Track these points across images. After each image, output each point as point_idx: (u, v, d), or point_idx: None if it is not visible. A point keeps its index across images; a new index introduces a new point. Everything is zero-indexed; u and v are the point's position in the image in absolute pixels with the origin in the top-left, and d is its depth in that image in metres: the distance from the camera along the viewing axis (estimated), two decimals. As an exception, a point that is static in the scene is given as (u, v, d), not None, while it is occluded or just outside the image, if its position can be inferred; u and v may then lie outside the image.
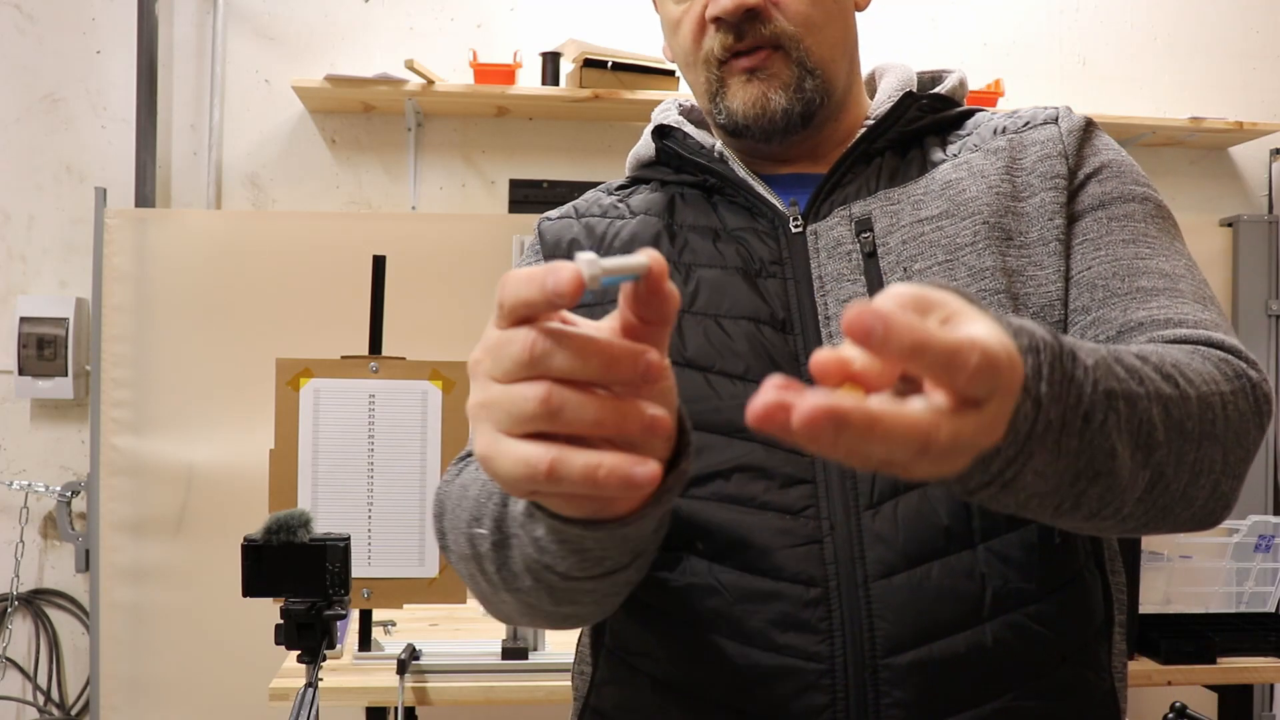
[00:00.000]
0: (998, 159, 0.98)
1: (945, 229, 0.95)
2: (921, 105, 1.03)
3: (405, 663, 1.87)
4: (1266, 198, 3.31)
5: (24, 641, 2.92)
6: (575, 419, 0.57)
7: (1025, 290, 0.92)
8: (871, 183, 1.00)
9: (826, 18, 1.00)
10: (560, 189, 3.05)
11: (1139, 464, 0.71)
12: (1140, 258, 0.92)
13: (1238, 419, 0.79)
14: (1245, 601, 2.37)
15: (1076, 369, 0.65)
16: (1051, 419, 0.63)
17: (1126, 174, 0.99)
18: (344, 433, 1.96)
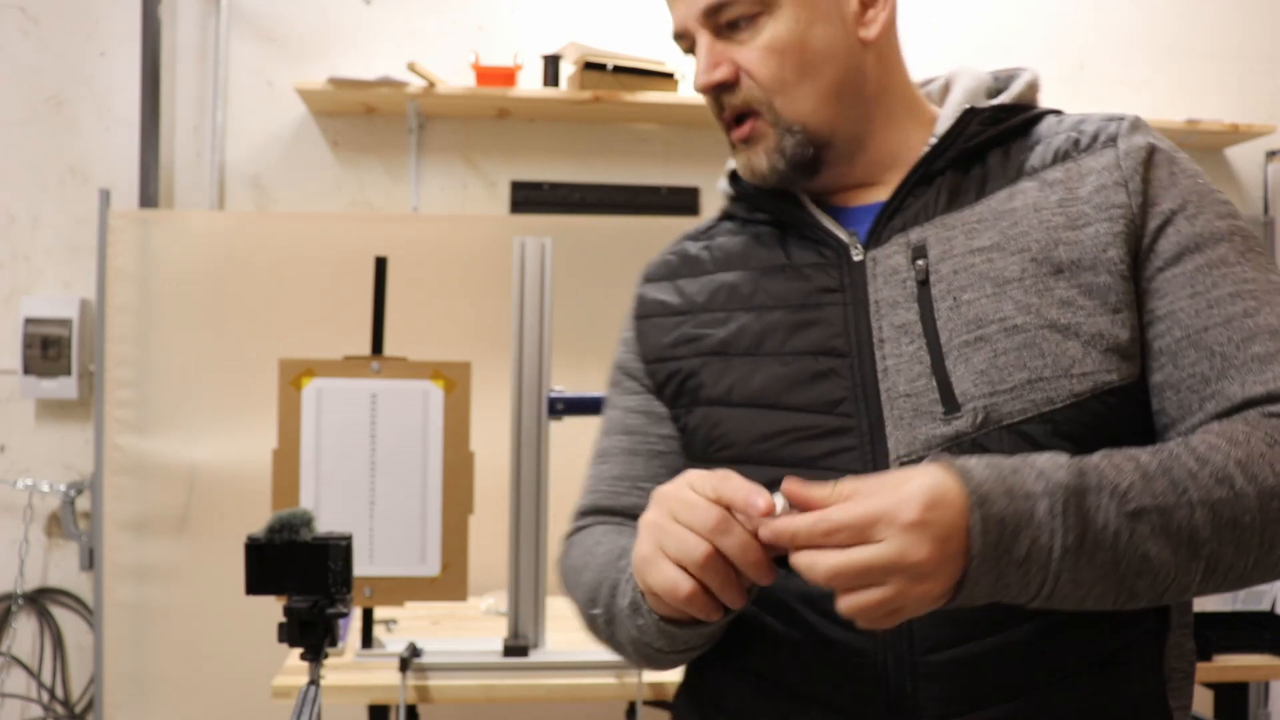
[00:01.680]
0: (1053, 191, 1.00)
1: (995, 261, 0.98)
2: (984, 119, 1.04)
3: (407, 660, 1.88)
4: (1262, 199, 3.32)
5: (28, 640, 2.94)
6: (712, 580, 0.86)
7: (1075, 320, 0.95)
8: (930, 207, 1.03)
9: (801, 74, 1.02)
10: (561, 190, 3.06)
11: (1185, 559, 0.84)
12: (1249, 314, 0.93)
13: None
14: (1241, 600, 2.38)
15: (1089, 503, 0.81)
16: (1025, 552, 0.80)
17: (1208, 205, 0.99)
18: (346, 432, 1.97)
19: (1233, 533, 0.84)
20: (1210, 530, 0.84)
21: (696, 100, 2.84)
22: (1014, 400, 0.94)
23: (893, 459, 0.97)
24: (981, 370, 0.95)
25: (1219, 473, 0.85)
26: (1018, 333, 0.95)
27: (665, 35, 3.00)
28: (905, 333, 0.99)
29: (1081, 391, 0.93)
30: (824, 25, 1.03)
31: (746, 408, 1.04)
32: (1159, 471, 0.85)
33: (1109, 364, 0.94)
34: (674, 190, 3.09)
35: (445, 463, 1.98)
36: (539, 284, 2.03)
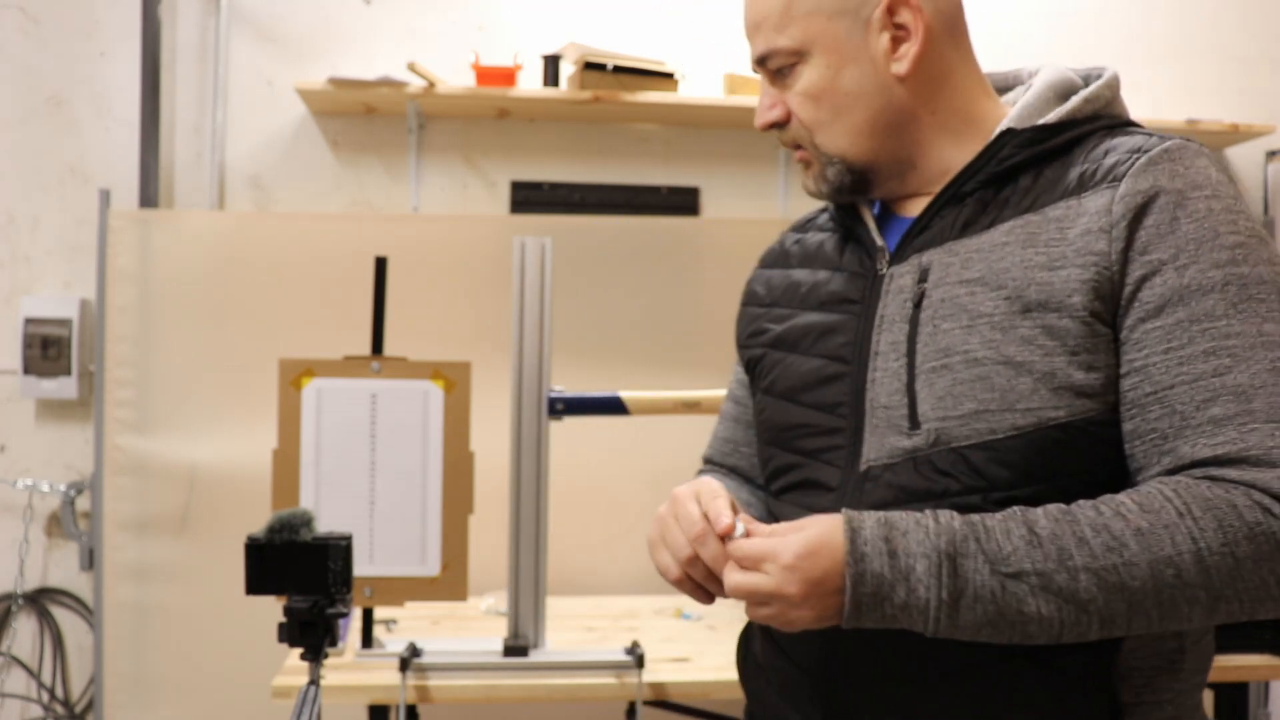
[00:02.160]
0: (1048, 229, 1.05)
1: (976, 295, 1.06)
2: (1020, 141, 1.09)
3: (407, 660, 1.88)
4: (1262, 199, 3.32)
5: (28, 640, 2.94)
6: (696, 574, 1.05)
7: (1030, 358, 1.02)
8: (947, 231, 1.11)
9: (834, 114, 1.13)
10: (561, 190, 3.06)
11: (1071, 614, 0.95)
12: (1219, 374, 0.97)
13: (1229, 565, 0.93)
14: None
15: (964, 566, 0.95)
16: (900, 604, 0.96)
17: (1205, 253, 1.00)
18: (346, 432, 1.97)
19: (1122, 595, 0.94)
20: (1096, 592, 0.95)
21: (697, 100, 2.86)
22: (961, 426, 1.04)
23: (863, 462, 1.10)
24: (940, 396, 1.05)
25: (1113, 542, 0.95)
26: (976, 365, 1.04)
27: (666, 35, 3.00)
28: (894, 349, 1.10)
29: (1024, 425, 1.02)
30: (854, 67, 1.12)
31: (780, 399, 1.20)
32: (1049, 538, 0.96)
33: (1057, 401, 1.01)
34: (674, 190, 3.09)
35: (445, 463, 1.98)
36: (539, 284, 2.03)
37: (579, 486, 2.11)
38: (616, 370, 2.80)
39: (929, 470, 1.06)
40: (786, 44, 1.13)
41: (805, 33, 1.12)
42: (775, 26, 1.13)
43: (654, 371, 2.85)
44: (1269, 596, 0.95)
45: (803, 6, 1.12)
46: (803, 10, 1.12)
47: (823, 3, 1.11)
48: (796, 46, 1.12)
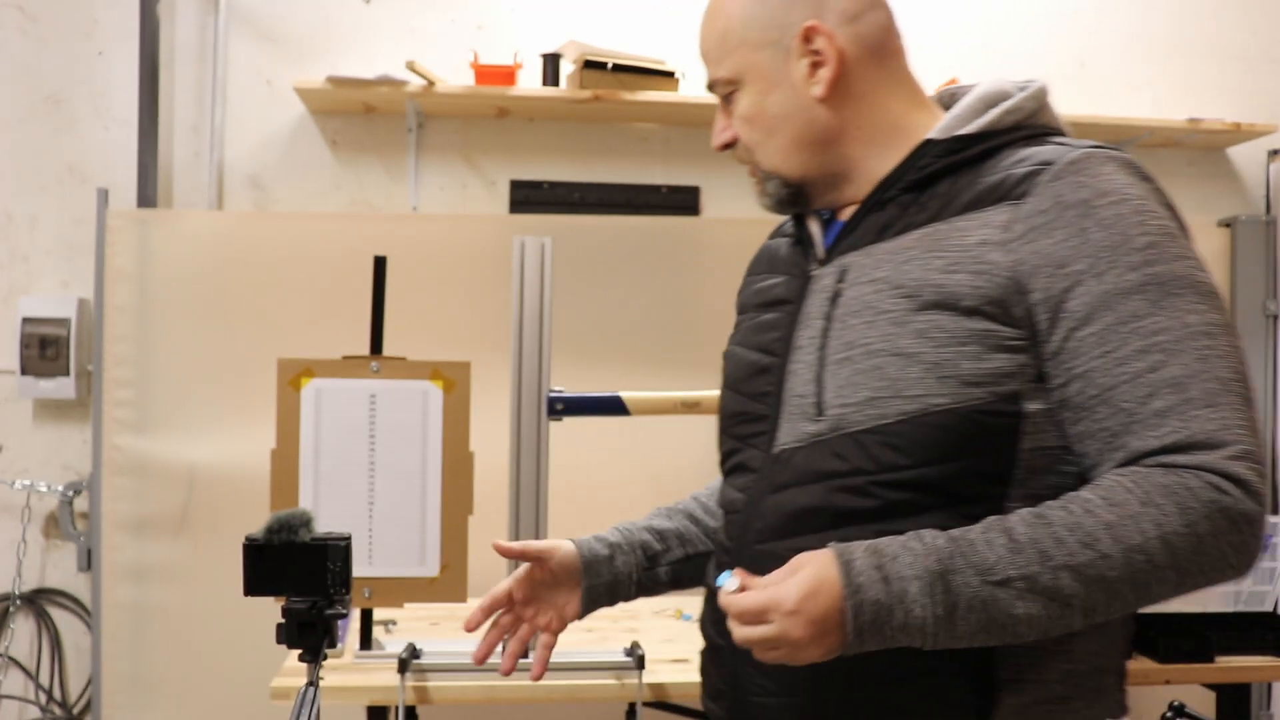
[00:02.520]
0: (952, 236, 1.15)
1: (881, 293, 1.16)
2: (938, 151, 1.19)
3: (406, 662, 1.88)
4: (1264, 198, 3.31)
5: (26, 641, 2.93)
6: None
7: (921, 350, 1.12)
8: (868, 235, 1.22)
9: (766, 134, 1.26)
10: (561, 190, 3.06)
11: (1057, 610, 1.03)
12: (1154, 369, 1.05)
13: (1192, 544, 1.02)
14: (1243, 600, 2.38)
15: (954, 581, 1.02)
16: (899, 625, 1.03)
17: (1121, 257, 1.08)
18: (345, 432, 1.97)
19: (1101, 585, 1.02)
20: (1078, 586, 1.02)
21: (697, 99, 2.85)
22: (856, 412, 1.14)
23: (777, 446, 1.22)
24: (841, 385, 1.16)
25: (1087, 538, 1.02)
26: (872, 357, 1.14)
27: (666, 34, 2.99)
28: (811, 343, 1.21)
29: (910, 410, 1.12)
30: (778, 92, 1.24)
31: (727, 389, 1.35)
32: (1028, 543, 1.03)
33: (943, 389, 1.11)
34: (674, 189, 3.09)
35: (444, 463, 1.97)
36: (539, 284, 2.02)
37: (579, 486, 2.10)
38: (616, 370, 2.79)
39: (827, 453, 1.16)
40: (724, 74, 1.26)
41: (737, 64, 1.25)
42: (715, 60, 1.27)
43: (654, 371, 2.84)
44: (1227, 565, 1.04)
45: (733, 40, 1.25)
46: (733, 43, 1.25)
47: (748, 36, 1.24)
48: (731, 76, 1.26)
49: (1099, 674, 1.18)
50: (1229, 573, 1.05)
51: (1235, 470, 1.03)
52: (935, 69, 3.14)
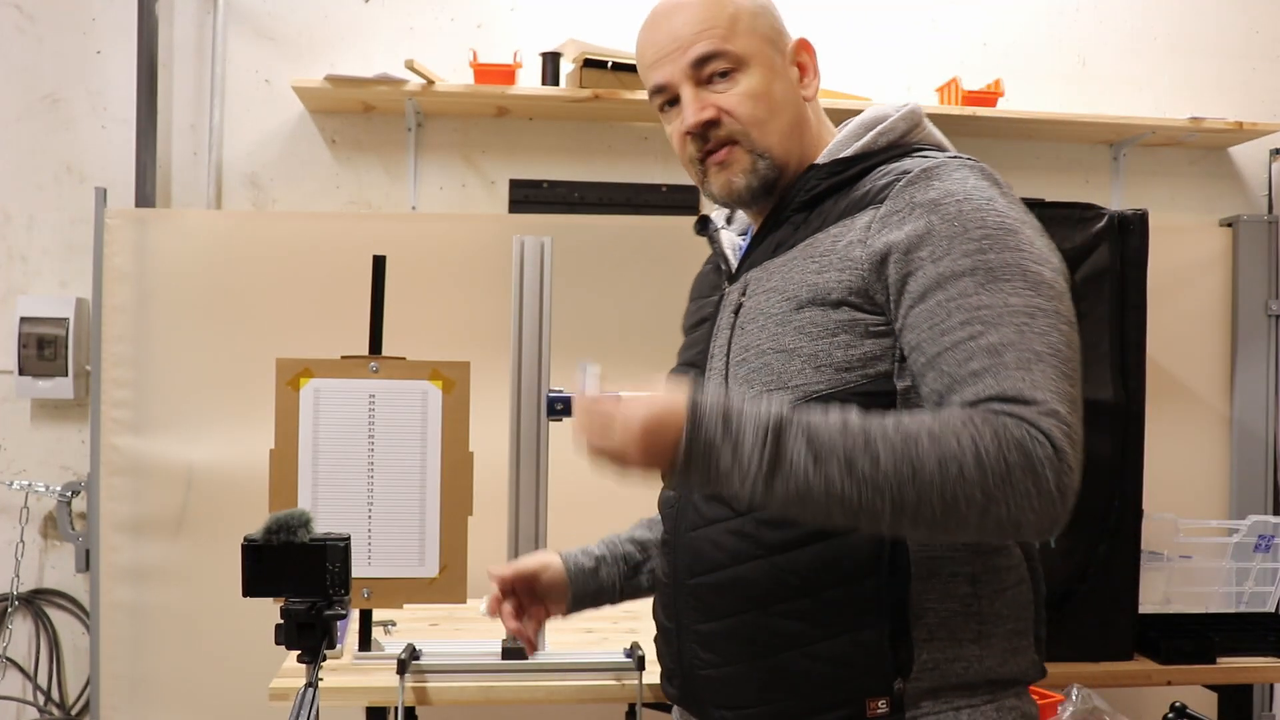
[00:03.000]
0: (825, 242, 1.29)
1: (771, 299, 1.31)
2: (822, 173, 1.35)
3: (405, 662, 1.87)
4: (1266, 198, 3.30)
5: (24, 641, 2.92)
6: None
7: (799, 344, 1.26)
8: (766, 252, 1.36)
9: (770, 113, 1.36)
10: (560, 189, 3.05)
11: (869, 494, 1.10)
12: (974, 338, 1.16)
13: (1000, 469, 1.09)
14: (1245, 601, 2.37)
15: (785, 438, 1.10)
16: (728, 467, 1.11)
17: (957, 245, 1.20)
18: (344, 433, 1.96)
19: (913, 482, 1.09)
20: (892, 477, 1.09)
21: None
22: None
23: None
24: (739, 383, 1.31)
25: (909, 436, 1.11)
26: (761, 356, 1.29)
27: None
28: (720, 352, 1.36)
29: (793, 399, 1.24)
30: (780, 82, 1.38)
31: None
32: (858, 429, 1.12)
33: (819, 377, 1.25)
34: (674, 189, 3.08)
35: (444, 463, 1.97)
36: (538, 283, 2.01)
37: (579, 487, 2.08)
38: (617, 370, 2.78)
39: None
40: (735, 50, 1.35)
41: (747, 46, 1.35)
42: (722, 37, 1.35)
43: (654, 371, 2.82)
44: (1030, 507, 1.10)
45: (744, 25, 1.36)
46: (745, 29, 1.36)
47: (758, 28, 1.37)
48: (741, 54, 1.35)
49: (1013, 635, 1.30)
50: (1029, 517, 1.11)
51: (1043, 424, 1.11)
52: (936, 68, 3.14)
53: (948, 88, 3.03)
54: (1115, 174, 3.21)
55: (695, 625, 1.35)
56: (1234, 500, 3.11)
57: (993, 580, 1.29)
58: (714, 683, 1.33)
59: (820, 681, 1.26)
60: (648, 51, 1.41)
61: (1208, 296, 3.14)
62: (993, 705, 1.28)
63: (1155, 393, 2.27)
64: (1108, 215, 2.18)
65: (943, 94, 3.04)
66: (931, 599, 1.26)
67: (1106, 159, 3.23)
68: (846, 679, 1.25)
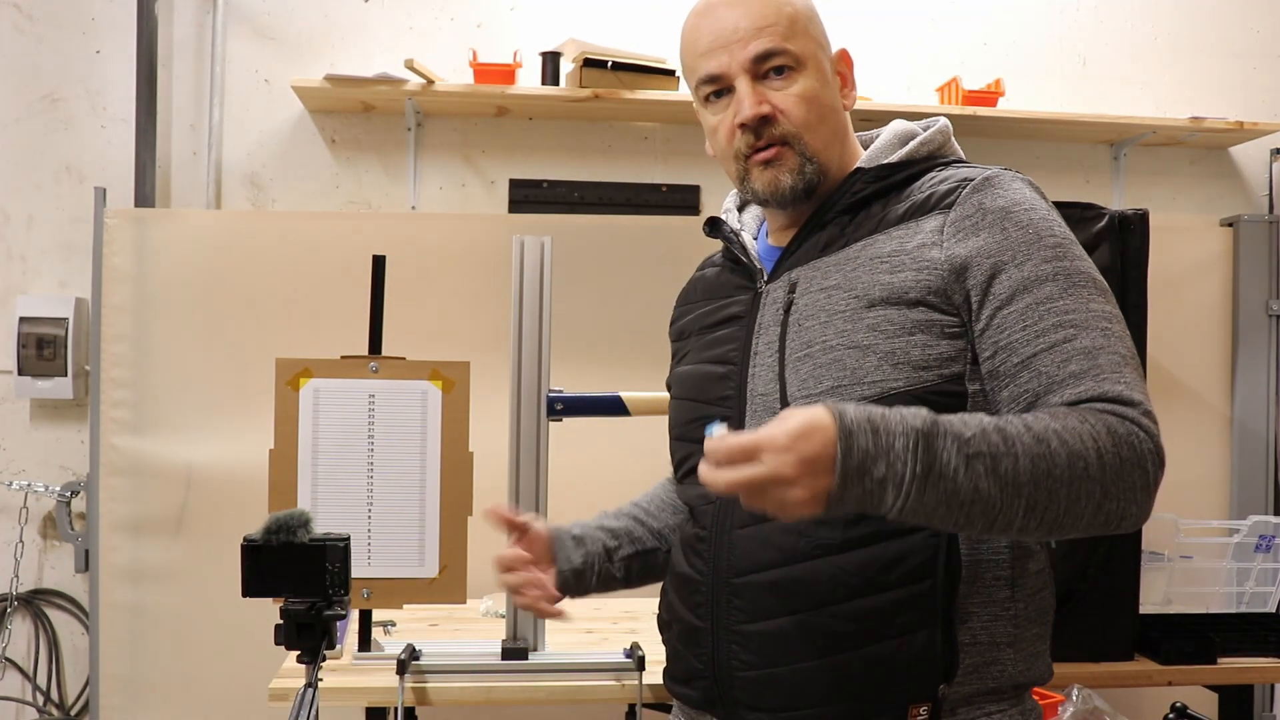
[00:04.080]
0: (891, 243, 1.31)
1: (833, 297, 1.31)
2: (868, 177, 1.37)
3: (405, 663, 1.87)
4: (1267, 198, 3.30)
5: (23, 641, 2.92)
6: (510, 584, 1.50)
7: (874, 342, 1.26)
8: (813, 251, 1.37)
9: (820, 119, 1.38)
10: (560, 189, 3.05)
11: (1009, 496, 1.11)
12: (1068, 340, 1.22)
13: (1116, 465, 1.14)
14: (1246, 602, 2.37)
15: (936, 445, 1.09)
16: (880, 478, 1.07)
17: (1035, 252, 1.25)
18: (344, 433, 1.96)
19: (1046, 481, 1.12)
20: (1029, 476, 1.11)
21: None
22: (820, 401, 1.20)
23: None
24: (803, 379, 1.30)
25: (1040, 435, 1.13)
26: (830, 351, 1.28)
27: (666, 32, 2.97)
28: (769, 349, 1.35)
29: (870, 395, 1.25)
30: (829, 89, 1.40)
31: (681, 400, 1.48)
32: (994, 430, 1.12)
33: (897, 374, 1.25)
34: (674, 188, 3.08)
35: (444, 463, 1.96)
36: (538, 283, 2.01)
37: (579, 487, 2.08)
38: (616, 370, 2.78)
39: None
40: (795, 49, 1.36)
41: (805, 47, 1.37)
42: (784, 35, 1.36)
43: (654, 371, 2.82)
44: (1135, 500, 1.16)
45: (802, 24, 1.38)
46: (802, 30, 1.38)
47: (812, 30, 1.39)
48: (800, 55, 1.36)
49: (1037, 639, 1.33)
50: (1133, 509, 1.17)
51: (1144, 424, 1.18)
52: (937, 68, 3.14)
53: (948, 87, 3.02)
54: (1116, 174, 3.21)
55: (738, 625, 1.32)
56: (1234, 500, 3.10)
57: (1026, 584, 1.31)
58: (752, 684, 1.31)
59: (869, 685, 1.26)
60: (702, 39, 1.39)
61: (1208, 296, 3.14)
62: (1018, 709, 1.31)
63: (1155, 393, 2.24)
64: (1108, 215, 2.17)
65: (943, 94, 3.04)
66: (975, 602, 1.27)
67: (1107, 159, 3.23)
68: (895, 683, 1.25)
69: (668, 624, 1.46)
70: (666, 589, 1.48)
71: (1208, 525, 2.61)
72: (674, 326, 1.59)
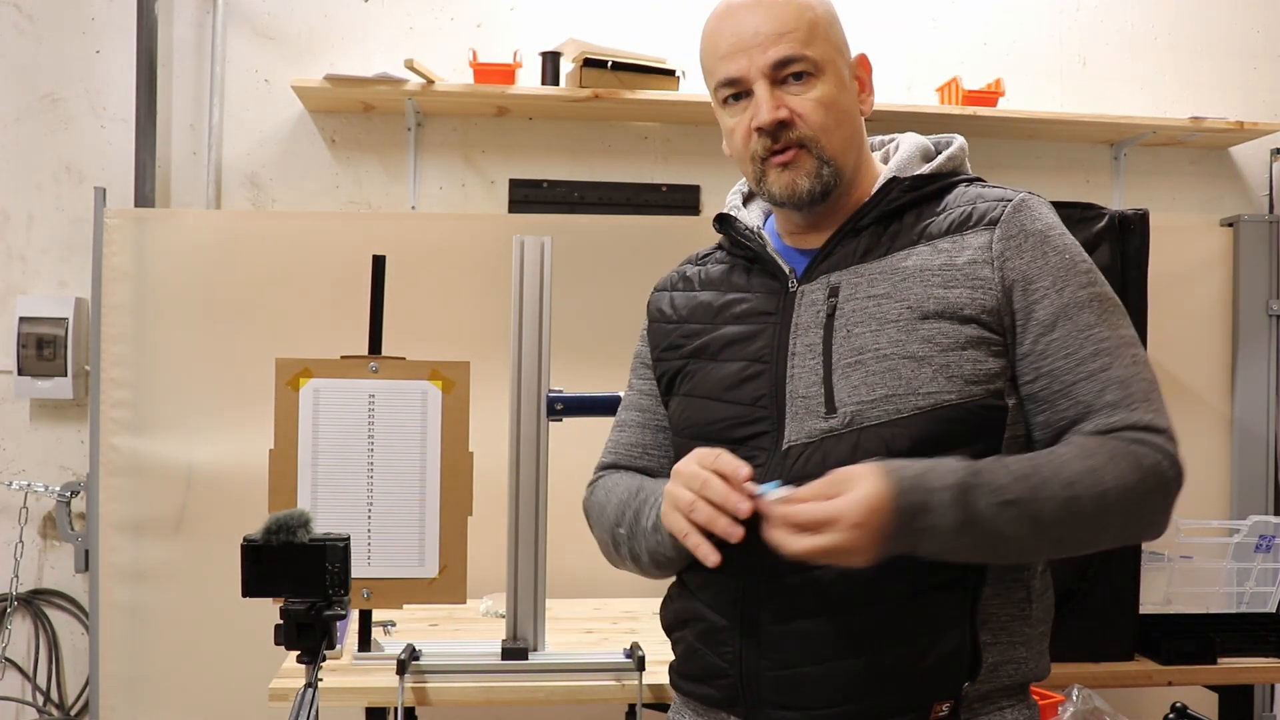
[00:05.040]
0: (939, 256, 1.34)
1: (883, 306, 1.32)
2: (904, 186, 1.39)
3: (405, 663, 1.87)
4: (1267, 198, 3.30)
5: (23, 642, 2.92)
6: (699, 519, 1.26)
7: (929, 354, 1.29)
8: (851, 256, 1.38)
9: (837, 123, 1.38)
10: (560, 189, 3.05)
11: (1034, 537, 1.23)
12: (1105, 369, 1.29)
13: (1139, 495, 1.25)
14: (1246, 602, 2.37)
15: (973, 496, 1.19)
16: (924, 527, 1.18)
17: (1073, 278, 1.32)
18: (344, 433, 1.96)
19: (1071, 520, 1.23)
20: (1054, 518, 1.22)
21: (697, 98, 2.84)
22: (873, 409, 1.29)
23: (786, 444, 1.33)
24: (855, 385, 1.30)
25: (1070, 480, 1.22)
26: (884, 360, 1.30)
27: (666, 32, 2.97)
28: (810, 351, 1.34)
29: (924, 406, 1.28)
30: (846, 94, 1.41)
31: (703, 399, 1.42)
32: (1022, 476, 1.22)
33: (951, 387, 1.28)
34: (674, 188, 3.08)
35: (444, 463, 1.96)
36: (538, 283, 2.01)
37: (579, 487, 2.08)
38: (616, 370, 2.78)
39: (845, 446, 1.29)
40: (814, 55, 1.37)
41: (824, 52, 1.38)
42: (803, 41, 1.37)
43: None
44: (1153, 524, 1.29)
45: (821, 32, 1.39)
46: (821, 35, 1.39)
47: (832, 36, 1.40)
48: (819, 59, 1.37)
49: (1042, 638, 1.39)
50: (1151, 531, 1.30)
51: (1171, 450, 1.28)
52: (937, 68, 3.14)
53: (948, 87, 3.02)
54: (1116, 174, 3.21)
55: (770, 625, 1.32)
56: (1235, 500, 3.10)
57: (1038, 585, 1.37)
58: (783, 683, 1.32)
59: (899, 683, 1.28)
60: (723, 41, 1.40)
61: (1208, 296, 3.14)
62: (1024, 704, 1.37)
63: (1156, 393, 2.26)
64: (1108, 215, 2.17)
65: (943, 93, 3.04)
66: (995, 604, 1.32)
67: (1107, 159, 3.23)
68: (923, 681, 1.28)
69: (684, 622, 1.43)
70: (683, 587, 1.45)
71: (1208, 525, 2.61)
72: (658, 309, 1.55)
